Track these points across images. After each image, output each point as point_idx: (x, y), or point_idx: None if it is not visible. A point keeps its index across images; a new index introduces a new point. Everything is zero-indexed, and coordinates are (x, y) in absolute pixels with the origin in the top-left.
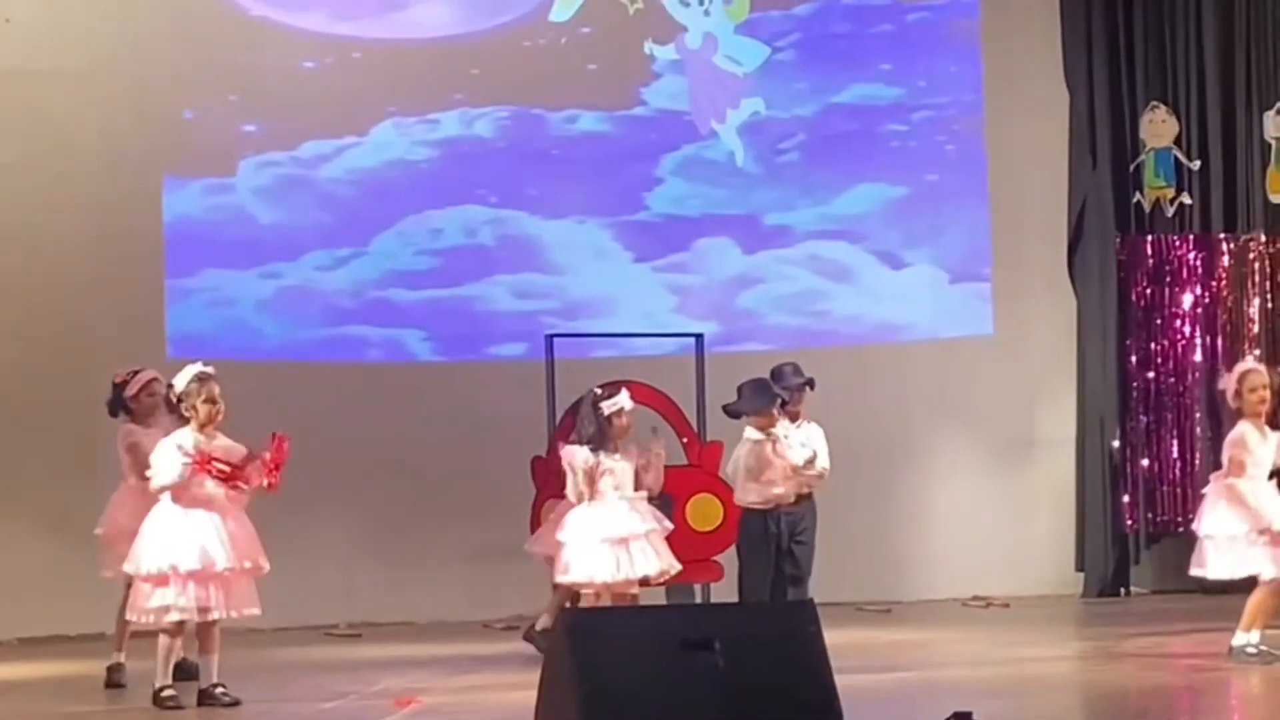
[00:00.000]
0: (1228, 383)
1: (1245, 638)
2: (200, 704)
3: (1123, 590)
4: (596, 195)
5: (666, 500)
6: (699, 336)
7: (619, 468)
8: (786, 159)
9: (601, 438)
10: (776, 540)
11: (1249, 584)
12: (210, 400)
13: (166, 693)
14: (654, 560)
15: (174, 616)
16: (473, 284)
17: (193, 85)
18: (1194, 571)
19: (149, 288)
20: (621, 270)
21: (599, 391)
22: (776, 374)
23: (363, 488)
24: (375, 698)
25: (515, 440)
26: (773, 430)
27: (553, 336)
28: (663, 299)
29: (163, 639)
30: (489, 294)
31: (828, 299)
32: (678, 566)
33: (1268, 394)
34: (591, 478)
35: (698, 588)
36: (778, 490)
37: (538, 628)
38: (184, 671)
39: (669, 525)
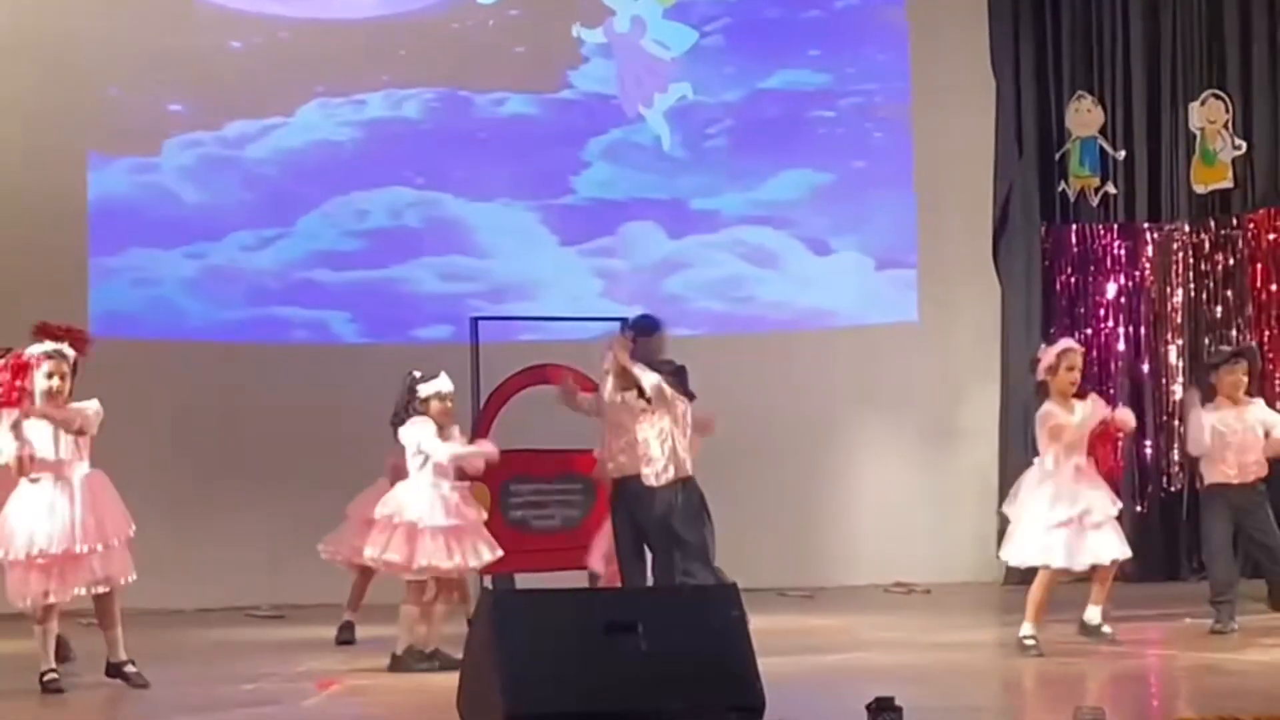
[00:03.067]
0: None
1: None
2: (109, 675)
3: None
4: (523, 178)
5: (589, 486)
6: (624, 321)
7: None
8: (713, 144)
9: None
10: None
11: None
12: (51, 375)
13: (48, 676)
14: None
15: (52, 599)
16: (398, 266)
17: (118, 63)
18: None
19: (72, 266)
20: (548, 254)
21: (416, 375)
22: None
23: (286, 468)
24: (297, 679)
25: None
26: None
27: (478, 319)
28: (589, 283)
29: (35, 627)
30: (415, 276)
31: (753, 285)
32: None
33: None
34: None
35: None
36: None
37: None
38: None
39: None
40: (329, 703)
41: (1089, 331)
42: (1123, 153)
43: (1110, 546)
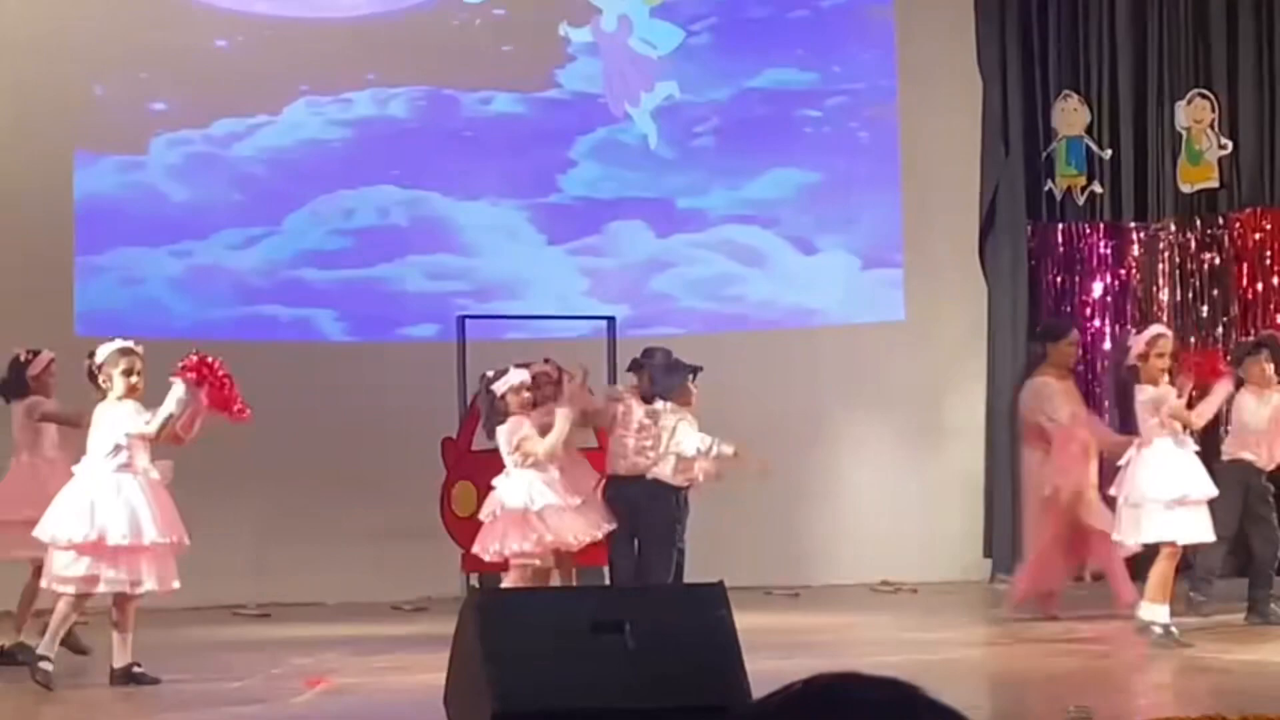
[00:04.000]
0: (1136, 344)
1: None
2: (115, 683)
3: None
4: (510, 177)
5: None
6: (611, 319)
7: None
8: (700, 143)
9: (497, 415)
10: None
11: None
12: (129, 373)
13: (44, 664)
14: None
15: (102, 588)
16: (385, 264)
17: (105, 62)
18: None
19: (59, 264)
20: (534, 252)
21: (489, 375)
22: (649, 353)
23: (273, 467)
24: (284, 677)
25: (426, 422)
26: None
27: (465, 318)
28: (575, 281)
29: (62, 607)
30: (401, 275)
31: (740, 283)
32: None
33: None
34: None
35: (607, 570)
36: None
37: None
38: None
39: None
40: (317, 700)
41: (1075, 330)
42: (1109, 152)
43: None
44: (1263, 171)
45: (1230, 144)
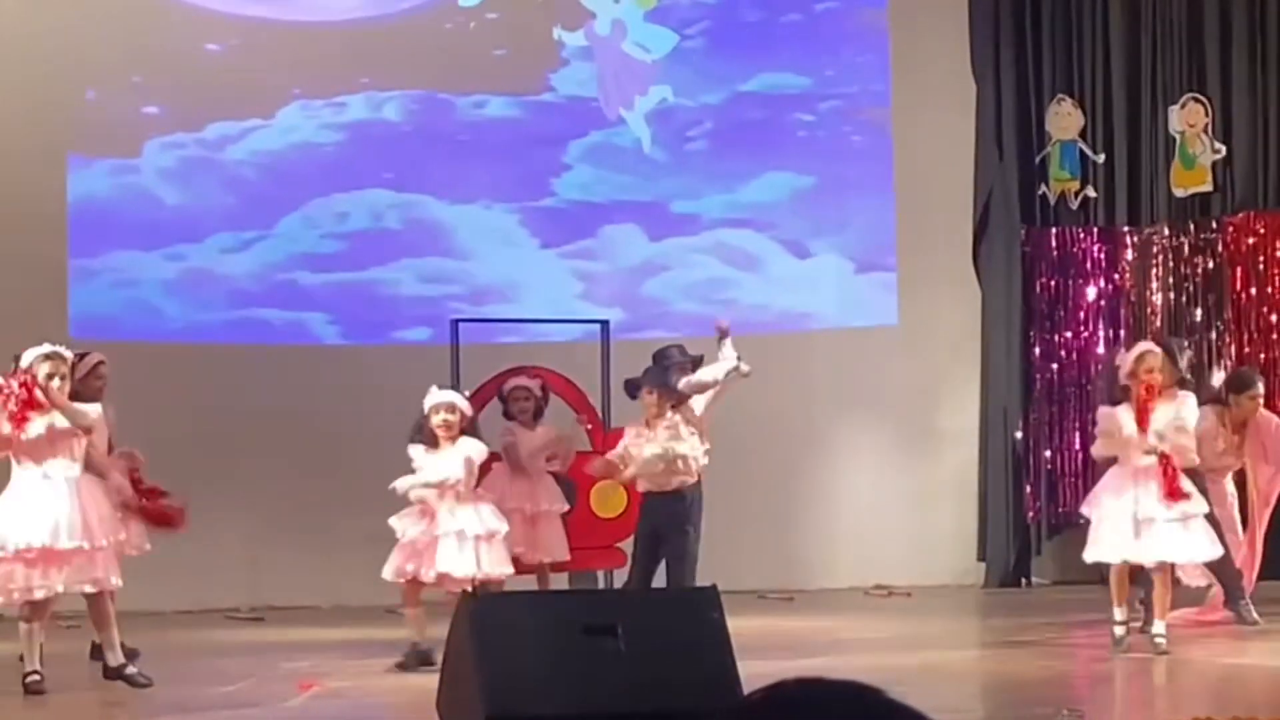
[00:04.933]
0: (1125, 363)
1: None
2: (108, 678)
3: (1024, 581)
4: (504, 180)
5: (571, 487)
6: (604, 323)
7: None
8: (694, 147)
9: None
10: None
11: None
12: (51, 378)
13: (31, 679)
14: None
15: (22, 596)
16: (378, 268)
17: (97, 65)
18: None
19: (52, 268)
20: (528, 256)
21: (434, 389)
22: (663, 355)
23: (266, 471)
24: (278, 681)
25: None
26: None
27: (458, 321)
28: (569, 285)
29: (22, 625)
30: (395, 278)
31: (733, 287)
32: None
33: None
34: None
35: (600, 574)
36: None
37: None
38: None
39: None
40: (310, 704)
41: (1068, 335)
42: (1102, 156)
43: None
44: (1256, 175)
45: (1224, 148)
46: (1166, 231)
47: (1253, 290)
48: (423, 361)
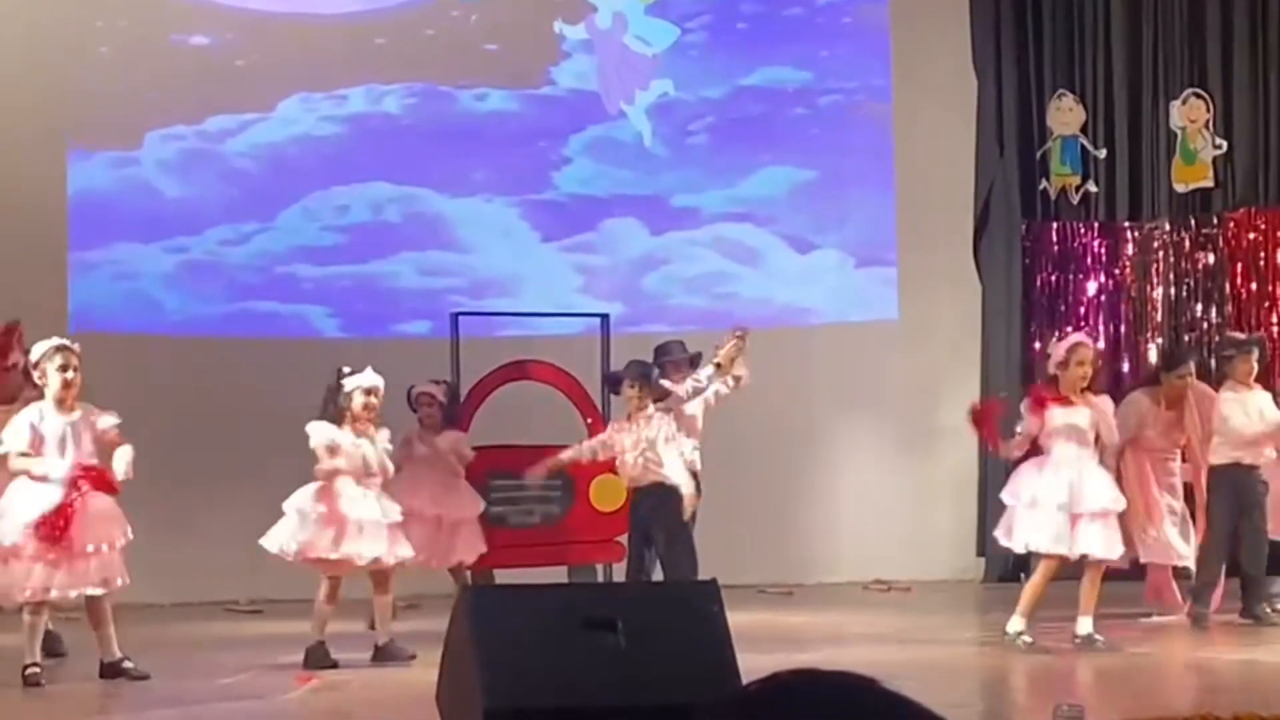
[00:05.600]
0: (1055, 351)
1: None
2: (104, 677)
3: (1023, 576)
4: (504, 174)
5: (569, 483)
6: (604, 317)
7: (355, 449)
8: (695, 141)
9: (339, 416)
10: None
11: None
12: (64, 369)
13: (30, 671)
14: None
15: (22, 596)
16: (379, 261)
17: (98, 57)
18: None
19: (52, 260)
20: (528, 249)
21: (345, 370)
22: (664, 350)
23: (265, 464)
24: (277, 673)
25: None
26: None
27: (458, 314)
28: (569, 279)
29: (26, 617)
30: (395, 271)
31: (734, 281)
32: (402, 556)
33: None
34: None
35: (600, 568)
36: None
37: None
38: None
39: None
40: (308, 697)
41: (1069, 329)
42: (1104, 151)
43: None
44: (1257, 171)
45: (1225, 144)
46: (1167, 227)
47: (1253, 286)
48: (423, 354)
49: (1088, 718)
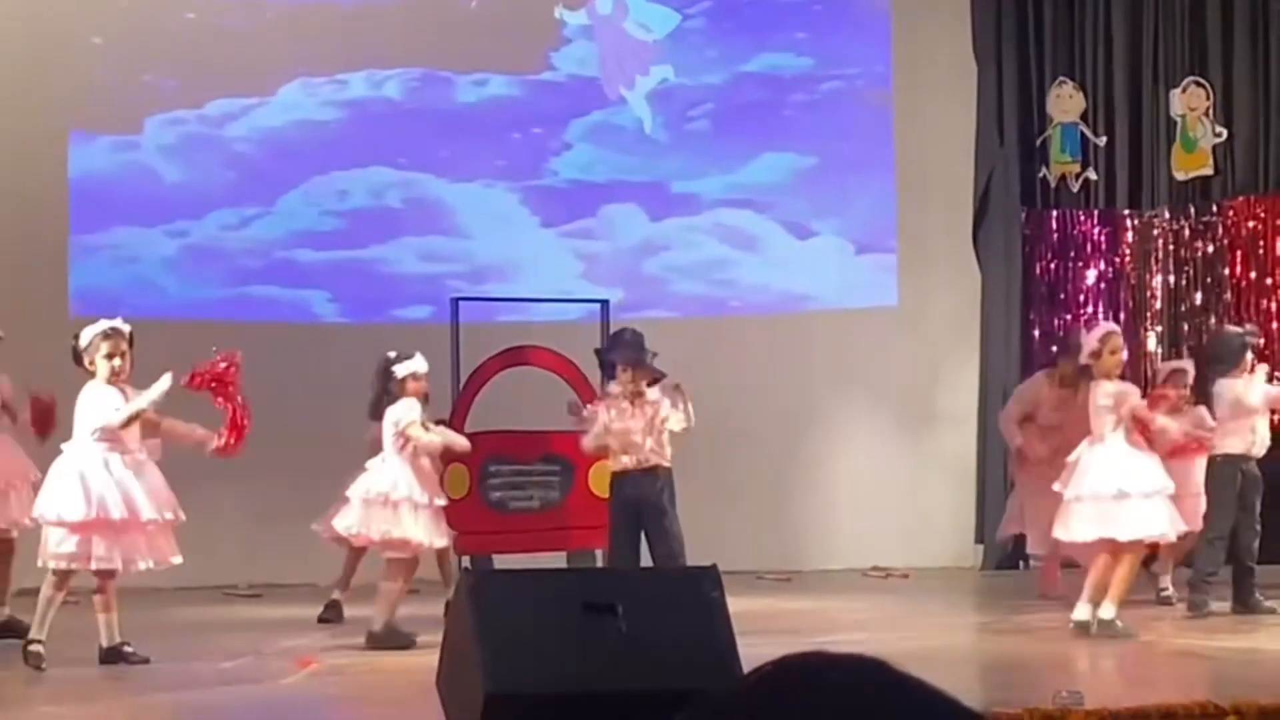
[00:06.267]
0: (1088, 342)
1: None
2: (104, 662)
3: (1021, 564)
4: (504, 159)
5: (569, 467)
6: (604, 303)
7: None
8: (695, 127)
9: (390, 397)
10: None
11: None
12: (111, 356)
13: (34, 647)
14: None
15: (94, 565)
16: (379, 246)
17: (99, 42)
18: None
19: (53, 243)
20: (528, 235)
21: (391, 355)
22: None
23: (266, 448)
24: (276, 658)
25: None
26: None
27: (458, 300)
28: (569, 264)
29: (46, 589)
30: (395, 256)
31: (733, 267)
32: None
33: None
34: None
35: (599, 553)
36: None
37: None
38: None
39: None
40: (308, 681)
41: (1068, 317)
42: (1104, 139)
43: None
44: (1257, 159)
45: (1225, 132)
46: (1167, 215)
47: (1252, 274)
48: (422, 340)
49: (1086, 704)
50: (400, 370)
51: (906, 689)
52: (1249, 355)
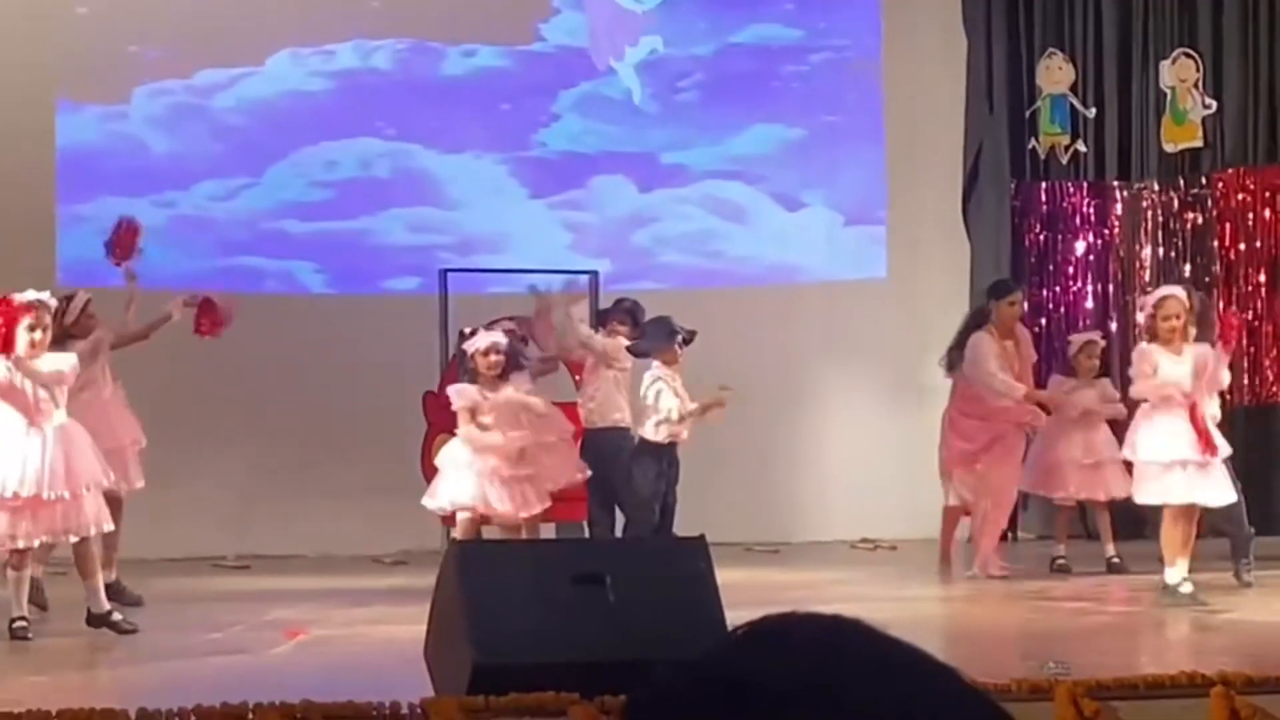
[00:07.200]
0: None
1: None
2: (90, 625)
3: (1009, 535)
4: (493, 130)
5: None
6: (593, 274)
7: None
8: (684, 98)
9: (473, 376)
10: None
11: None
12: (33, 329)
13: (18, 624)
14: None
15: (21, 543)
16: (367, 217)
17: (86, 12)
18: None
19: (40, 213)
20: (517, 206)
21: (465, 332)
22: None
23: (254, 420)
24: (264, 628)
25: (407, 375)
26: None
27: (447, 271)
28: (558, 236)
29: (10, 573)
30: (383, 227)
31: (723, 239)
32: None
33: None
34: (471, 414)
35: (586, 524)
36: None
37: None
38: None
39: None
40: (296, 651)
41: (1057, 289)
42: (1093, 110)
43: None
44: (1246, 132)
45: (1215, 104)
46: (1156, 187)
47: (1241, 246)
48: (411, 311)
49: (1074, 675)
50: (468, 348)
51: (883, 643)
52: None
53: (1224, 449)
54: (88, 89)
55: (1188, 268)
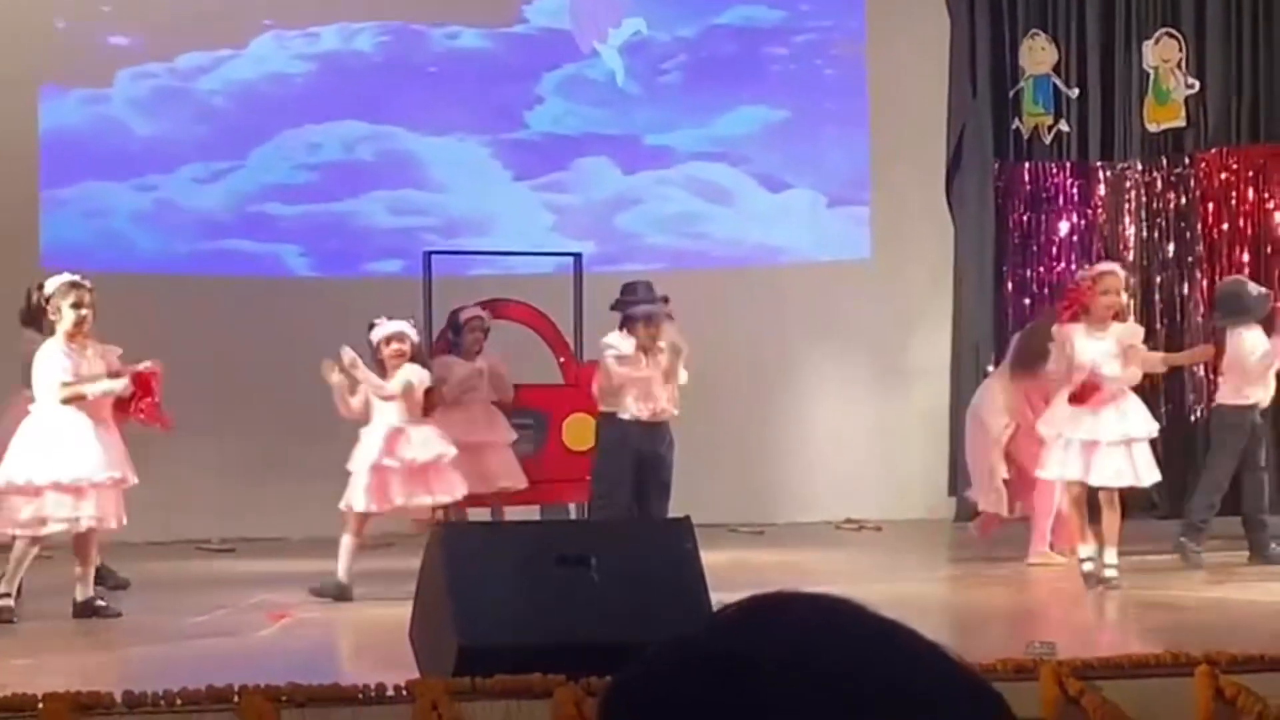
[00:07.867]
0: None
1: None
2: (77, 616)
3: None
4: (476, 112)
5: (541, 421)
6: (577, 256)
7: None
8: (667, 79)
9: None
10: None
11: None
12: (78, 306)
13: (4, 601)
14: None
15: (51, 528)
16: (350, 200)
17: None
18: None
19: (23, 197)
20: (500, 188)
21: (374, 322)
22: (629, 289)
23: (237, 403)
24: (249, 611)
25: None
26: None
27: (431, 253)
28: (541, 218)
29: (19, 545)
30: (367, 210)
31: (706, 220)
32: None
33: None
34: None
35: (572, 507)
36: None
37: None
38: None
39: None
40: (281, 634)
41: (1041, 269)
42: (1076, 91)
43: None
44: (1229, 111)
45: (1197, 84)
46: (1139, 167)
47: (1224, 226)
48: (394, 294)
49: (1059, 655)
50: (374, 336)
51: (872, 620)
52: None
53: (1138, 427)
54: (71, 73)
55: (1171, 247)
